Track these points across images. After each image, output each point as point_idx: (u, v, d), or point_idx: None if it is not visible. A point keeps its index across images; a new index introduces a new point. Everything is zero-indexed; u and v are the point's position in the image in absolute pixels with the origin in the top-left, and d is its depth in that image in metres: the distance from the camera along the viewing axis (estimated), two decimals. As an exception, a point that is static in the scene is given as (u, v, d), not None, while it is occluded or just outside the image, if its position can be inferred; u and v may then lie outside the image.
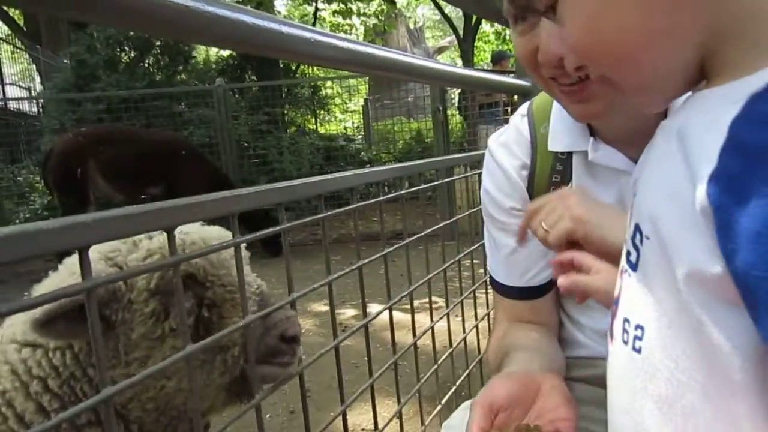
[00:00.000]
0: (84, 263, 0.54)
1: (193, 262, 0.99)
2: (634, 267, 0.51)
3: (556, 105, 1.03)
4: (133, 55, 8.01)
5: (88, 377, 0.98)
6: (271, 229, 0.84)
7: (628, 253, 0.52)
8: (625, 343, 0.52)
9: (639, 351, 0.50)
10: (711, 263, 0.41)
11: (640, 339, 0.50)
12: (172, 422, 1.03)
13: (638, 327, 0.51)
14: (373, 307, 1.22)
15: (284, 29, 0.88)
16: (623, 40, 0.49)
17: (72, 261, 1.03)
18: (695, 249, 0.43)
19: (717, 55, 0.47)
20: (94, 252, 1.01)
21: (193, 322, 0.98)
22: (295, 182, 0.87)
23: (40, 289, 1.01)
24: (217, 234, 1.07)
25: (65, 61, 7.91)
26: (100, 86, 7.30)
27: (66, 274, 1.03)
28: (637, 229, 0.50)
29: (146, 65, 8.06)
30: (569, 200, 0.84)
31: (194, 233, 1.05)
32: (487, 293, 1.97)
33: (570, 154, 1.01)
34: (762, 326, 0.39)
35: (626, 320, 0.53)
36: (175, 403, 0.99)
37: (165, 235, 0.65)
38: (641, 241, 0.49)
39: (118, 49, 7.81)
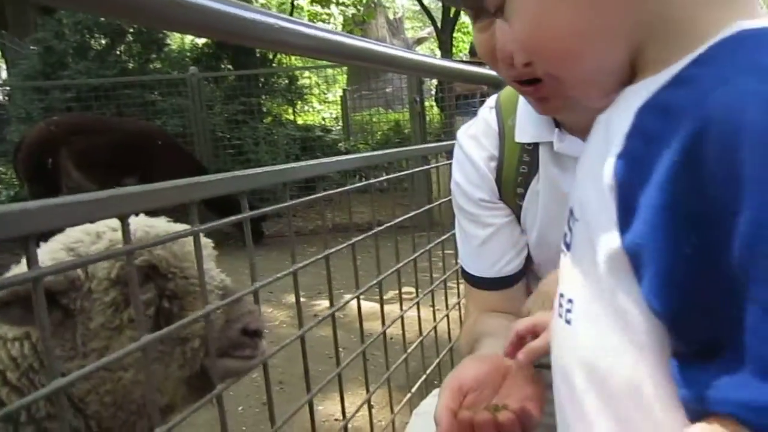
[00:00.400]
0: (30, 252, 0.52)
1: (156, 254, 0.98)
2: (568, 247, 0.56)
3: (522, 97, 1.04)
4: (103, 42, 7.83)
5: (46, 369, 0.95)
6: (232, 218, 0.82)
7: (565, 235, 0.57)
8: (560, 316, 0.57)
9: (569, 322, 0.55)
10: (615, 237, 0.46)
11: (570, 312, 0.55)
12: (130, 418, 1.02)
13: (569, 301, 0.55)
14: (347, 298, 1.21)
15: (247, 15, 0.87)
16: (563, 38, 0.54)
17: (40, 250, 0.99)
18: (606, 225, 0.47)
19: (644, 54, 0.51)
20: (57, 242, 1.00)
21: (153, 313, 0.97)
22: (258, 170, 0.86)
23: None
24: (181, 228, 1.06)
25: (32, 47, 7.70)
26: (69, 74, 7.12)
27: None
28: (571, 212, 0.55)
29: (118, 53, 7.89)
30: (544, 287, 0.90)
31: (159, 227, 1.04)
32: (458, 283, 1.99)
33: (536, 145, 1.02)
34: (644, 290, 0.44)
35: (561, 295, 0.57)
36: (134, 396, 0.98)
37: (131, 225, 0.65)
38: (573, 223, 0.54)
39: (88, 36, 7.62)
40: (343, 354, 3.21)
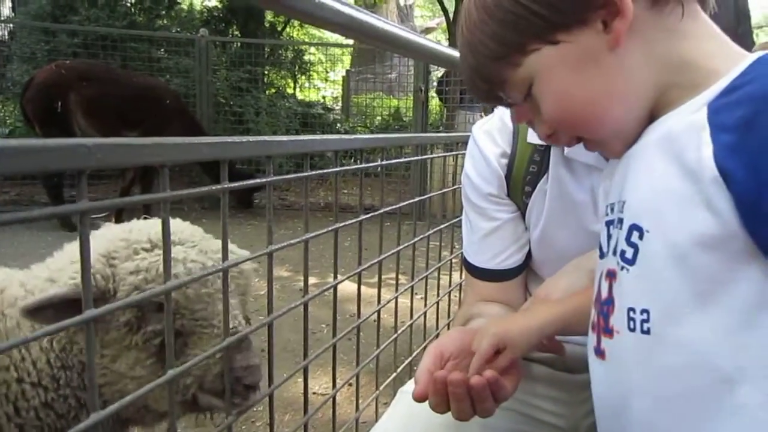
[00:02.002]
0: (81, 185, 0.55)
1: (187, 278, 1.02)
2: (631, 262, 0.60)
3: None
4: (115, -9, 7.73)
5: (75, 352, 1.06)
6: (208, 188, 0.78)
7: (623, 252, 0.62)
8: (632, 330, 0.60)
9: (648, 332, 0.59)
10: (721, 225, 0.53)
11: (647, 321, 0.59)
12: (139, 411, 1.10)
13: (644, 311, 0.59)
14: (331, 281, 1.22)
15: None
16: (590, 110, 0.64)
17: (72, 250, 1.10)
18: (702, 219, 0.54)
19: (663, 100, 0.62)
20: (99, 245, 1.05)
21: (158, 343, 1.01)
22: (241, 138, 0.81)
23: (38, 270, 1.11)
24: (218, 247, 1.06)
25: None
26: (78, 20, 7.03)
27: (67, 261, 1.08)
28: (634, 228, 0.60)
29: (128, 5, 7.79)
30: (541, 293, 0.94)
31: (195, 261, 1.05)
32: (451, 275, 2.02)
33: (548, 147, 1.05)
34: None
35: (631, 309, 0.60)
36: (136, 403, 1.02)
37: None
38: (640, 237, 0.59)
39: (101, -16, 7.52)
40: (325, 332, 3.21)
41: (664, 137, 0.60)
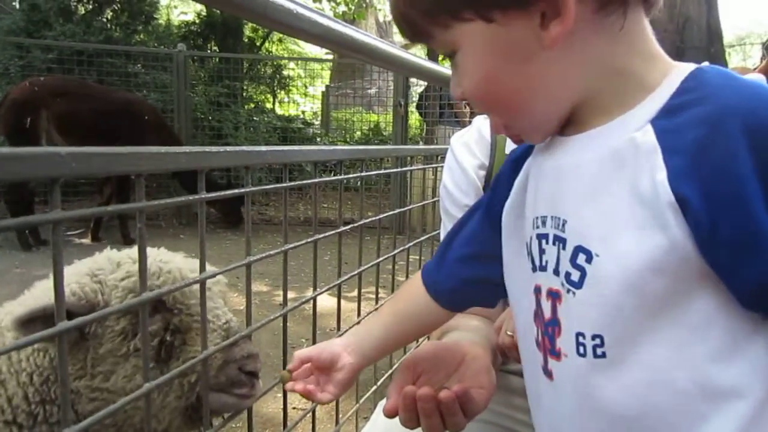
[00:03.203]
0: (53, 195, 0.54)
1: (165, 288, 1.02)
2: (578, 285, 0.58)
3: None
4: (90, 6, 7.66)
5: (47, 400, 1.02)
6: (185, 198, 0.78)
7: (568, 274, 0.59)
8: (582, 355, 0.58)
9: (604, 356, 0.57)
10: (676, 249, 0.52)
11: (602, 345, 0.57)
12: None
13: (596, 336, 0.57)
14: (308, 295, 1.21)
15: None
16: (510, 98, 0.62)
17: (69, 271, 1.08)
18: (658, 243, 0.53)
19: (588, 104, 0.61)
20: (84, 266, 1.07)
21: (157, 344, 1.01)
22: (219, 148, 0.81)
23: (36, 291, 1.08)
24: (196, 267, 1.09)
25: (15, 4, 7.49)
26: (52, 35, 6.95)
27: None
28: (580, 250, 0.58)
29: (104, 20, 7.73)
30: None
31: (172, 263, 1.08)
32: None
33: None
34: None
35: (580, 335, 0.58)
36: (134, 420, 1.02)
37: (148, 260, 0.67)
38: (588, 261, 0.57)
39: (76, 0, 7.46)
40: (305, 346, 3.18)
41: (609, 157, 0.57)
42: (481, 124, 1.14)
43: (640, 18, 0.60)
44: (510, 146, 1.07)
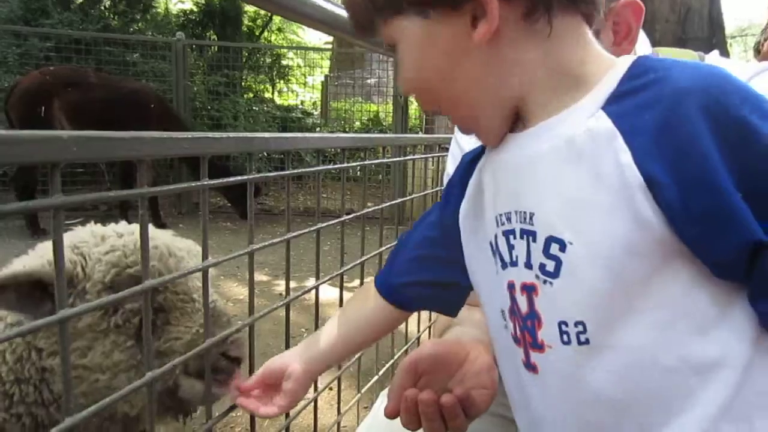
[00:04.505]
0: (54, 179, 0.53)
1: (151, 265, 0.99)
2: (554, 275, 0.59)
3: None
4: (88, -5, 7.61)
5: (33, 360, 0.99)
6: (187, 184, 0.77)
7: (543, 266, 0.60)
8: (567, 343, 0.59)
9: (588, 342, 0.57)
10: (647, 229, 0.53)
11: (584, 332, 0.57)
12: (104, 424, 1.03)
13: (578, 323, 0.58)
14: (310, 285, 1.20)
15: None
16: (449, 93, 0.65)
17: (43, 246, 1.04)
18: (628, 225, 0.54)
19: (529, 102, 0.63)
20: (65, 238, 1.00)
21: (137, 322, 0.97)
22: (221, 134, 0.79)
23: (11, 268, 1.01)
24: (185, 245, 1.07)
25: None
26: (50, 23, 6.90)
27: (35, 256, 1.03)
28: (552, 240, 0.59)
29: (102, 8, 7.67)
30: None
31: (159, 239, 1.05)
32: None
33: None
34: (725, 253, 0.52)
35: (563, 323, 0.59)
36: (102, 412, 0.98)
37: (134, 235, 0.63)
38: (562, 249, 0.58)
39: (74, -14, 7.41)
40: (305, 336, 3.20)
41: (566, 146, 0.58)
42: None
43: (575, 25, 0.62)
44: None
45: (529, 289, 0.62)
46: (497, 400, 1.09)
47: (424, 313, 1.99)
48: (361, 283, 1.39)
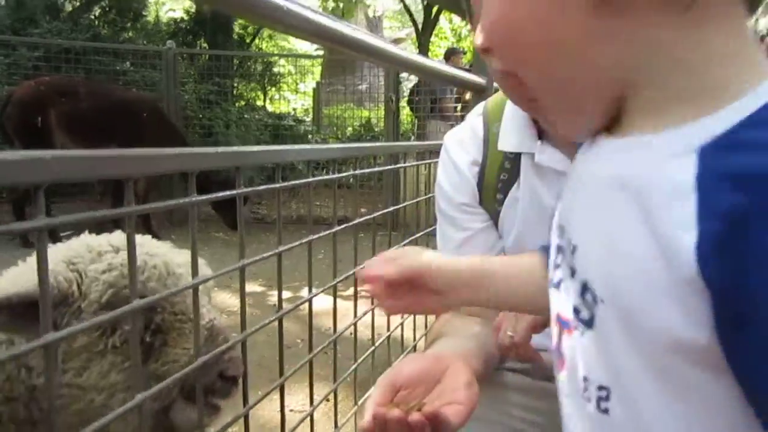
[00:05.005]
0: (38, 201, 0.51)
1: (148, 285, 0.97)
2: (588, 324, 0.49)
3: (508, 106, 1.06)
4: (78, 4, 7.59)
5: (23, 379, 0.97)
6: (175, 201, 0.75)
7: (577, 310, 0.50)
8: (588, 400, 0.51)
9: (606, 412, 0.49)
10: (694, 332, 0.40)
11: (606, 400, 0.49)
12: None
13: (602, 388, 0.49)
14: (305, 296, 1.19)
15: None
16: (535, 52, 0.49)
17: (35, 259, 1.01)
18: (673, 318, 0.41)
19: (638, 95, 0.46)
20: (59, 252, 1.00)
21: (138, 342, 0.95)
22: (209, 149, 0.78)
23: (2, 281, 1.01)
24: (185, 261, 1.05)
25: (0, 1, 7.40)
26: (39, 32, 6.88)
27: (29, 269, 1.01)
28: (587, 287, 0.48)
29: (92, 17, 7.66)
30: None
31: (158, 257, 1.03)
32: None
33: (519, 154, 1.04)
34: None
35: (586, 378, 0.50)
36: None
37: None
38: (594, 301, 0.47)
39: (63, -5, 7.39)
40: (300, 346, 3.16)
41: (629, 181, 0.44)
42: (474, 120, 1.13)
43: (730, 4, 0.44)
44: (503, 143, 1.05)
45: (563, 325, 0.53)
46: (500, 409, 1.09)
47: (420, 320, 1.98)
48: (355, 292, 1.38)
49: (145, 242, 1.06)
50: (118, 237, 1.07)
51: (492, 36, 0.51)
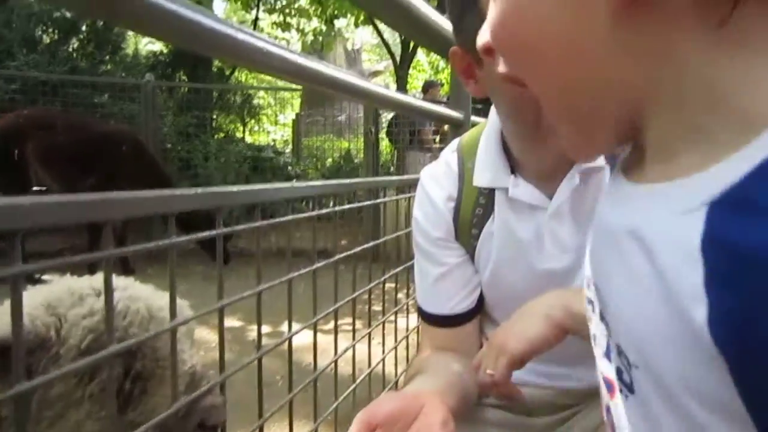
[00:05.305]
0: (15, 247, 0.51)
1: (130, 330, 0.95)
2: (630, 389, 0.44)
3: (482, 142, 1.09)
4: (55, 36, 7.58)
5: None
6: (154, 243, 0.75)
7: (620, 371, 0.45)
8: None
9: None
10: (728, 397, 0.35)
11: None
12: None
13: None
14: (294, 327, 1.18)
15: (241, 36, 0.88)
16: (544, 56, 0.43)
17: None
18: (704, 382, 0.37)
19: (652, 130, 0.41)
20: (39, 295, 0.97)
21: (115, 391, 0.90)
22: (189, 190, 0.79)
23: None
24: (166, 303, 1.03)
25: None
26: (15, 65, 6.84)
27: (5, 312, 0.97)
28: (621, 351, 0.44)
29: (70, 50, 7.65)
30: (496, 340, 0.92)
31: (140, 301, 1.01)
32: (408, 318, 2.00)
33: (493, 189, 1.06)
34: None
35: None
36: None
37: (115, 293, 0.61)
38: (628, 366, 0.43)
39: (42, 27, 7.37)
40: (280, 384, 3.11)
41: (642, 235, 0.39)
42: (449, 157, 1.15)
43: (761, 26, 0.36)
44: (478, 179, 1.08)
45: (608, 387, 0.47)
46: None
47: (402, 354, 1.97)
48: (335, 327, 1.37)
49: (128, 285, 1.04)
50: (101, 280, 1.04)
51: (494, 35, 0.46)
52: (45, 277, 1.12)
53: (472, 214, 1.08)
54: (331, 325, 1.37)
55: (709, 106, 0.37)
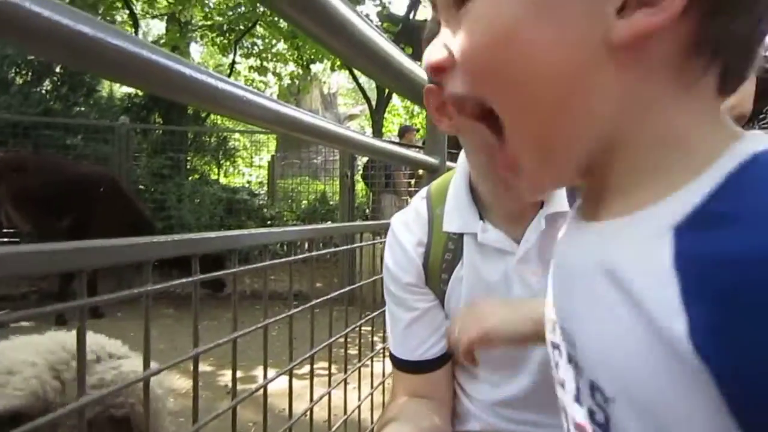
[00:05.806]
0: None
1: (135, 407, 0.94)
2: (605, 428, 0.43)
3: (451, 189, 1.12)
4: (29, 78, 7.55)
5: None
6: (129, 291, 0.74)
7: (592, 412, 0.44)
8: None
9: None
10: (715, 417, 0.36)
11: None
12: None
13: None
14: (269, 373, 1.17)
15: (219, 85, 0.89)
16: (528, 84, 0.42)
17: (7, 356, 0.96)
18: (689, 404, 0.37)
19: (614, 167, 0.43)
20: (42, 357, 0.94)
21: None
22: (165, 237, 0.79)
23: None
24: (159, 377, 1.03)
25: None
26: (-13, 107, 6.80)
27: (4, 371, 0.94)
28: (595, 387, 0.43)
29: (43, 92, 7.62)
30: (476, 312, 0.94)
31: (138, 369, 0.98)
32: (384, 362, 1.98)
33: (462, 235, 1.08)
34: None
35: None
36: None
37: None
38: (605, 401, 0.42)
39: (15, 70, 7.34)
40: (253, 431, 3.00)
41: (611, 268, 0.40)
42: (418, 203, 1.18)
43: (713, 83, 0.41)
44: (447, 224, 1.09)
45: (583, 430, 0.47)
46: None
47: (378, 400, 1.94)
48: (311, 372, 1.36)
49: (114, 351, 1.03)
50: (94, 340, 1.02)
51: (482, 59, 0.44)
52: (12, 324, 1.09)
53: (441, 259, 1.09)
54: (306, 369, 1.35)
55: (670, 146, 0.40)
